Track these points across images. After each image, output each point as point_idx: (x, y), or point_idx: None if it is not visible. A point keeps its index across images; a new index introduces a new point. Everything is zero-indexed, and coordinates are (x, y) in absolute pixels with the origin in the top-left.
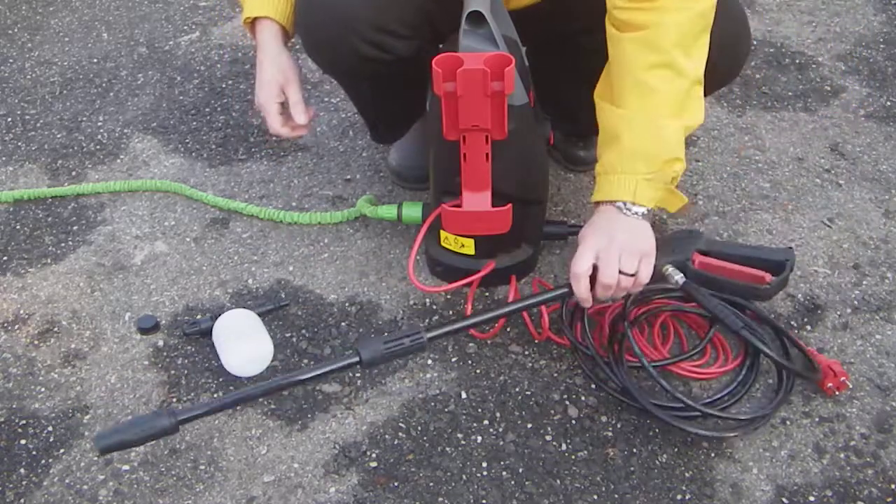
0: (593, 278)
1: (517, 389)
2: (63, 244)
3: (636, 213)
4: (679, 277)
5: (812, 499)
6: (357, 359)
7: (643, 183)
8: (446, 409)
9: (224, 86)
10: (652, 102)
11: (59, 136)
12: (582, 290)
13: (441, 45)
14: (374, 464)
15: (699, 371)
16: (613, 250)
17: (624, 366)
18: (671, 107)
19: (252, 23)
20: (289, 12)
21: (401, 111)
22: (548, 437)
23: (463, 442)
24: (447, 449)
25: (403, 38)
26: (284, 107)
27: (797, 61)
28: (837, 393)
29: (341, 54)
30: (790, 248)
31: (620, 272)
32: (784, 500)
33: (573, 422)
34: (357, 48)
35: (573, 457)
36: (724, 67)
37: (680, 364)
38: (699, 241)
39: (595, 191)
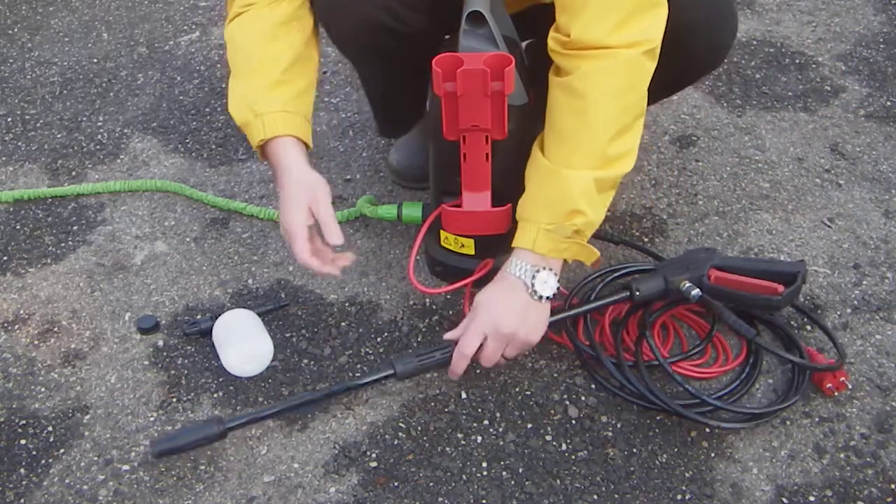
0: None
1: (517, 389)
2: (63, 244)
3: (540, 297)
4: (695, 292)
5: (812, 499)
6: (392, 371)
7: (543, 233)
8: (446, 409)
9: (224, 86)
10: (566, 152)
11: (59, 136)
12: (461, 368)
13: (447, 37)
14: (374, 464)
15: (700, 371)
16: (501, 341)
17: (643, 367)
18: (585, 156)
19: (264, 145)
20: (308, 130)
21: (409, 100)
22: (548, 437)
23: (463, 442)
24: (447, 449)
25: (417, 11)
26: (312, 231)
27: (797, 61)
28: (837, 393)
29: (355, 23)
30: (802, 260)
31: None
32: (784, 500)
33: (573, 422)
34: (371, 15)
35: (573, 457)
36: (707, 55)
37: (680, 364)
38: (714, 257)
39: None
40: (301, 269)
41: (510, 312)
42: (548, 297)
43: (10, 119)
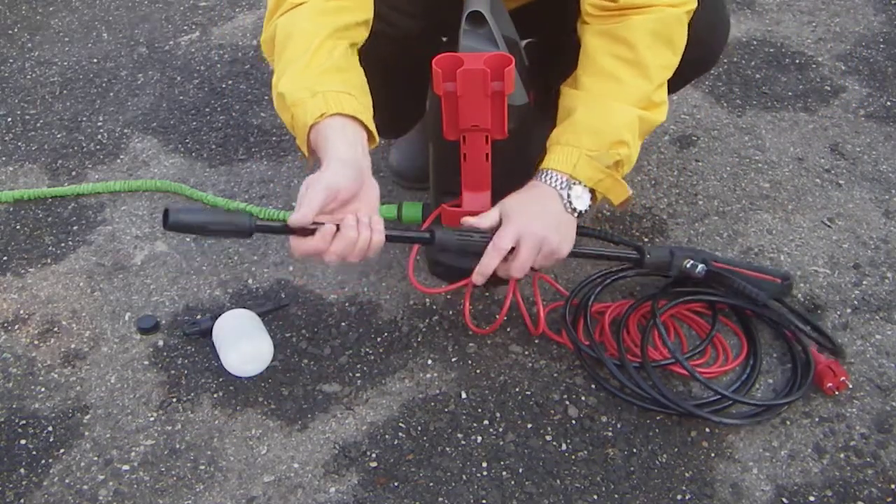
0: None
1: (517, 389)
2: (63, 244)
3: (574, 209)
4: (702, 267)
5: (812, 499)
6: (429, 236)
7: (585, 159)
8: (446, 409)
9: (224, 86)
10: (610, 88)
11: (59, 136)
12: (490, 267)
13: (444, 39)
14: (374, 464)
15: (700, 371)
16: (534, 247)
17: (649, 366)
18: (630, 97)
19: (316, 125)
20: (372, 123)
21: (408, 102)
22: (548, 437)
23: (463, 442)
24: (447, 449)
25: (411, 17)
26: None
27: (797, 61)
28: (837, 393)
29: None
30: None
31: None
32: (784, 500)
33: (573, 422)
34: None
35: (573, 457)
36: (700, 56)
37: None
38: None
39: (541, 160)
40: (301, 269)
41: (544, 219)
42: (580, 213)
43: (10, 119)
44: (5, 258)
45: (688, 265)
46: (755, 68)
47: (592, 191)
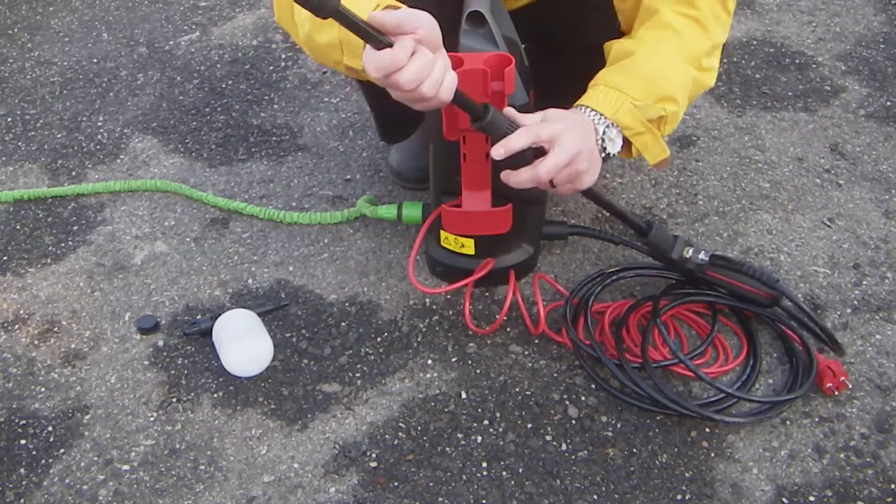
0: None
1: (517, 389)
2: (63, 244)
3: (604, 149)
4: (704, 254)
5: (812, 499)
6: (483, 110)
7: (629, 107)
8: (446, 409)
9: (224, 86)
10: (670, 39)
11: (59, 136)
12: (521, 143)
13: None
14: (374, 464)
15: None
16: (567, 154)
17: (650, 367)
18: (688, 53)
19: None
20: None
21: (409, 109)
22: (548, 437)
23: (463, 442)
24: (447, 449)
25: None
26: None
27: (797, 61)
28: (837, 393)
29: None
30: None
31: (550, 182)
32: (784, 500)
33: (573, 422)
34: None
35: (573, 457)
36: None
37: (681, 363)
38: None
39: (581, 99)
40: (301, 268)
41: (584, 139)
42: (608, 155)
43: (10, 119)
44: (5, 258)
45: (689, 253)
46: (755, 68)
47: (628, 142)
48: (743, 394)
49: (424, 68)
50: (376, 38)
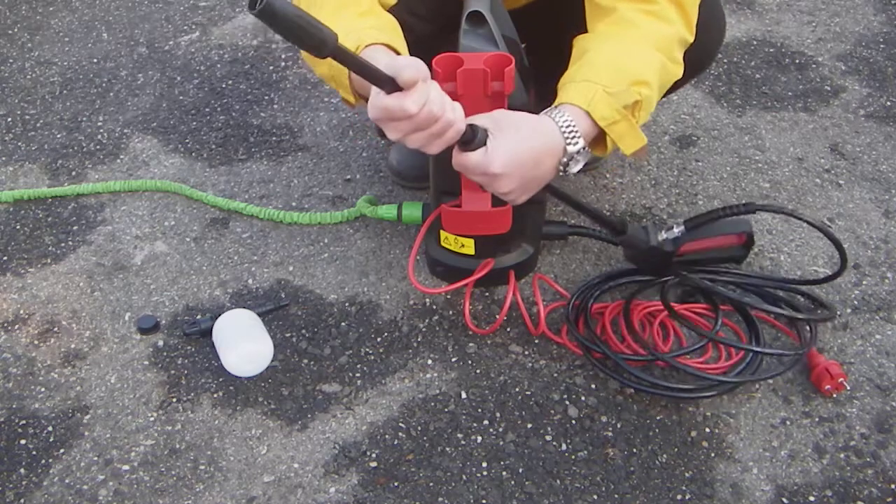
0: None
1: (517, 389)
2: (63, 244)
3: (565, 166)
4: (677, 227)
5: (812, 499)
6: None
7: (603, 94)
8: (446, 409)
9: (224, 86)
10: (628, 31)
11: (59, 136)
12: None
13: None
14: (374, 464)
15: (705, 367)
16: (491, 177)
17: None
18: (655, 41)
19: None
20: (405, 48)
21: None
22: (548, 437)
23: (463, 442)
24: (447, 449)
25: (424, 20)
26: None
27: (797, 61)
28: (836, 395)
29: None
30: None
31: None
32: (784, 500)
33: (573, 422)
34: None
35: (573, 457)
36: (696, 55)
37: (685, 361)
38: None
39: (555, 102)
40: (301, 268)
41: (527, 157)
42: (564, 173)
43: (10, 119)
44: (5, 258)
45: (663, 235)
46: (755, 68)
47: (604, 135)
48: (760, 347)
49: (431, 117)
50: (378, 75)
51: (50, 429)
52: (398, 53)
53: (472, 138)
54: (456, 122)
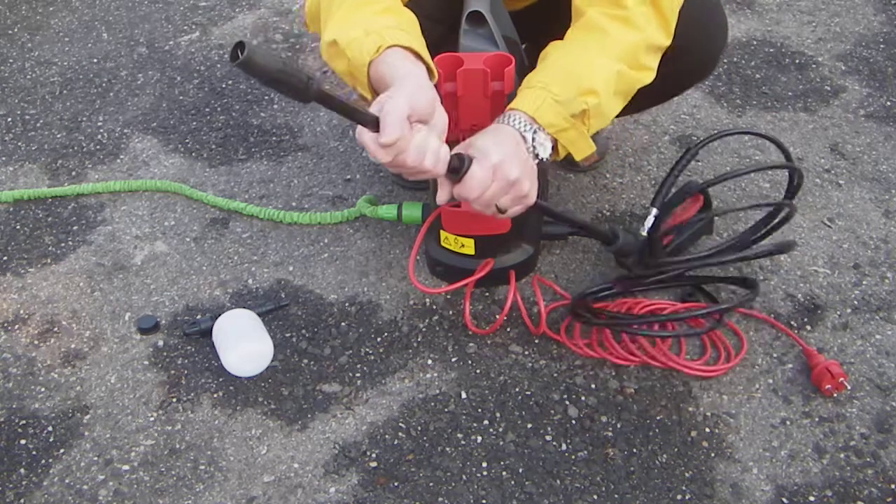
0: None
1: (517, 389)
2: (63, 244)
3: (536, 155)
4: (653, 212)
5: (812, 499)
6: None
7: (549, 103)
8: (446, 409)
9: (224, 86)
10: (594, 38)
11: (59, 136)
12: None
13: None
14: (374, 464)
15: (705, 369)
16: (504, 187)
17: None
18: (616, 50)
19: (375, 61)
20: (428, 55)
21: None
22: (548, 437)
23: (463, 442)
24: (447, 449)
25: (438, 22)
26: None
27: (797, 61)
28: (836, 394)
29: None
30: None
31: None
32: (784, 500)
33: (573, 422)
34: None
35: (573, 457)
36: (697, 63)
37: (687, 366)
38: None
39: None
40: (301, 268)
41: (514, 160)
42: (541, 160)
43: (10, 119)
44: (5, 258)
45: (643, 229)
46: (755, 68)
47: (556, 141)
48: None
49: (418, 157)
50: (362, 117)
51: (50, 429)
52: (418, 55)
53: (460, 167)
54: (434, 169)
